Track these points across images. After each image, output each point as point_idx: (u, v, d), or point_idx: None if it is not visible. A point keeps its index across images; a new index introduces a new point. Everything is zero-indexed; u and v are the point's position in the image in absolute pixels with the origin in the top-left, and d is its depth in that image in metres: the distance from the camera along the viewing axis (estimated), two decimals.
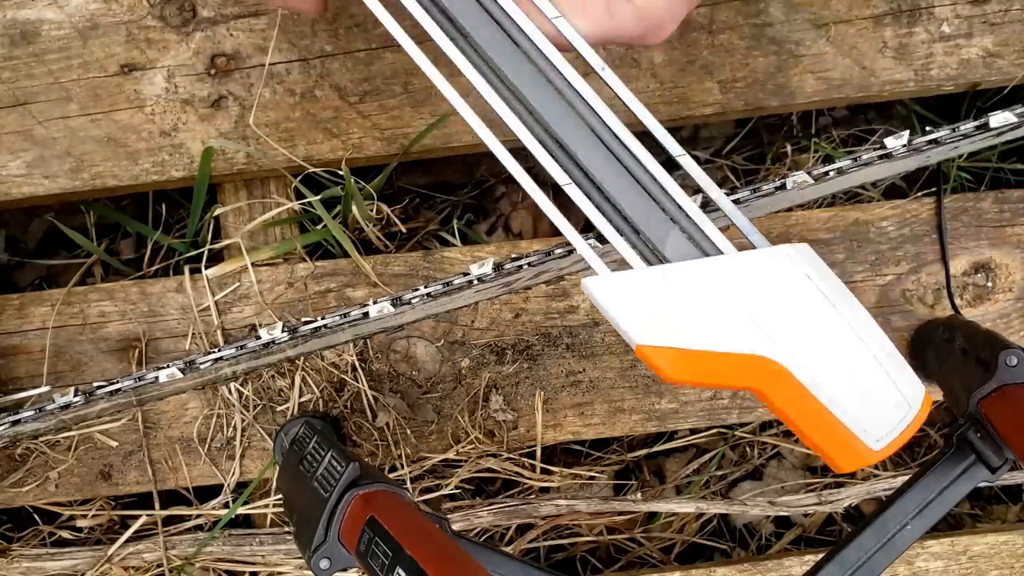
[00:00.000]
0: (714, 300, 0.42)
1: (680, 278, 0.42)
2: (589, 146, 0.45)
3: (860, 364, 0.42)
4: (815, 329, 0.42)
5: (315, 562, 0.50)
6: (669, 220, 0.44)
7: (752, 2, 0.67)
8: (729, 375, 0.42)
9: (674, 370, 0.42)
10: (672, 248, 0.44)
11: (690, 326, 0.42)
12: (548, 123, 0.45)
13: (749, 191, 0.47)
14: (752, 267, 0.42)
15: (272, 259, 0.68)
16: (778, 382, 0.42)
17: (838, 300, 0.42)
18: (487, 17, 0.46)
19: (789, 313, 0.42)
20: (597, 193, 0.45)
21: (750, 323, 0.42)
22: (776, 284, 0.42)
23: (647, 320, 0.42)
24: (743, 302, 0.42)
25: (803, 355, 0.42)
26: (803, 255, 0.43)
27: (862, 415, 0.42)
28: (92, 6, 0.65)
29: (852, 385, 0.42)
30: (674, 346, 0.42)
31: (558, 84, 0.45)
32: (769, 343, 0.42)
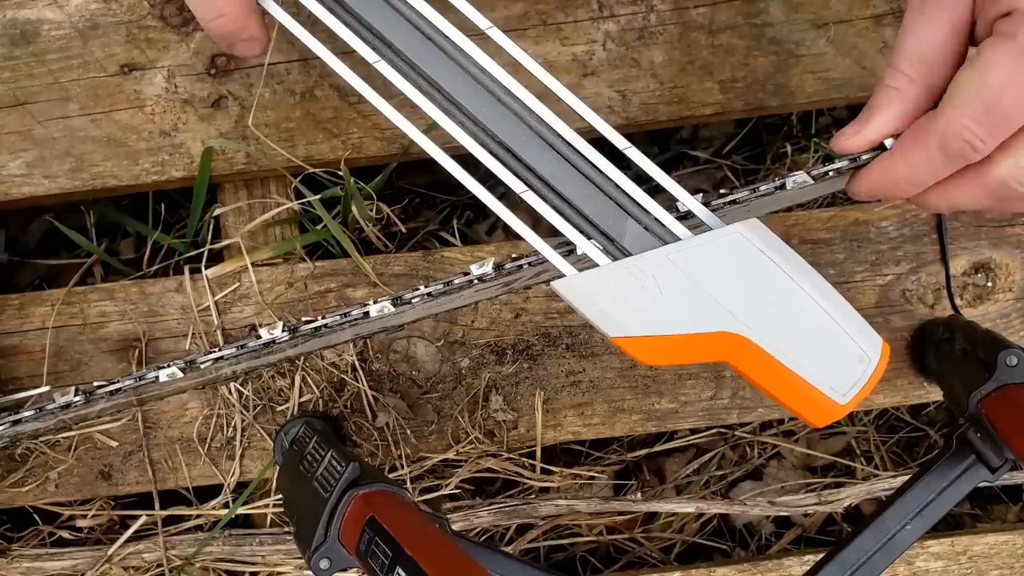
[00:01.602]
0: (676, 285, 0.45)
1: (642, 269, 0.45)
2: (538, 151, 0.47)
3: (818, 325, 0.45)
4: (772, 298, 0.45)
5: (315, 562, 0.50)
6: (624, 213, 0.46)
7: (752, 2, 0.67)
8: (700, 353, 0.45)
9: (649, 356, 0.45)
10: (631, 240, 0.46)
11: (657, 313, 0.45)
12: (495, 132, 0.47)
13: (748, 191, 0.47)
14: (707, 248, 0.45)
15: (272, 259, 0.68)
16: (745, 353, 0.45)
17: (791, 268, 0.45)
18: (410, 27, 0.47)
19: (746, 286, 0.45)
20: (554, 195, 0.47)
21: (712, 302, 0.45)
22: (731, 261, 0.45)
23: (617, 313, 0.45)
24: (703, 283, 0.45)
25: (764, 325, 0.45)
26: (754, 230, 0.45)
27: (826, 373, 0.45)
28: (92, 6, 0.65)
29: (813, 346, 0.45)
30: (645, 335, 0.45)
31: (494, 89, 0.47)
32: (731, 319, 0.45)
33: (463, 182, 0.47)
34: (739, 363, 0.45)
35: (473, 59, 0.47)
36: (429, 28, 0.47)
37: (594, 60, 0.67)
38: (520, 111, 0.47)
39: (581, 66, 0.67)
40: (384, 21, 0.47)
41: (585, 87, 0.67)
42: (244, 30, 0.46)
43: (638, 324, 0.45)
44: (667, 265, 0.45)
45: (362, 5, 0.47)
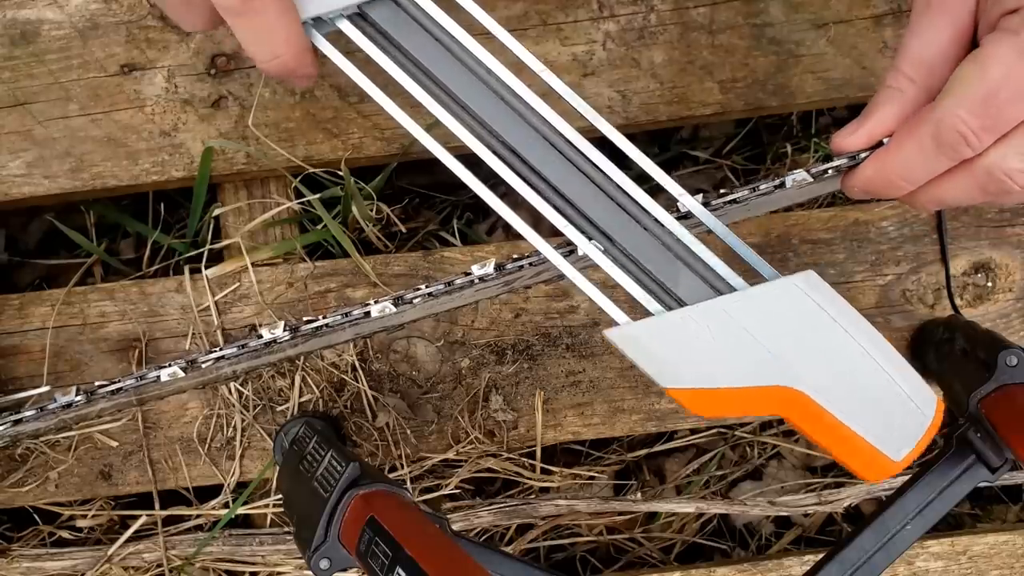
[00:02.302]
0: (731, 337, 0.44)
1: (696, 319, 0.44)
2: (595, 200, 0.46)
3: (874, 381, 0.44)
4: (829, 353, 0.44)
5: (315, 562, 0.50)
6: (678, 262, 0.45)
7: (752, 2, 0.67)
8: (753, 406, 0.44)
9: (702, 409, 0.44)
10: (685, 289, 0.45)
11: (711, 365, 0.44)
12: (556, 184, 0.46)
13: (748, 190, 0.47)
14: (763, 300, 0.44)
15: (272, 259, 0.68)
16: (799, 407, 0.44)
17: (847, 322, 0.44)
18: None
19: (803, 341, 0.44)
20: (609, 243, 0.46)
21: (767, 355, 0.44)
22: (787, 313, 0.44)
23: (671, 363, 0.44)
24: (759, 336, 0.44)
25: (820, 380, 0.44)
26: (810, 283, 0.44)
27: (881, 429, 0.44)
28: (92, 6, 0.65)
29: (868, 402, 0.44)
30: (699, 387, 0.44)
31: (556, 143, 0.46)
32: (787, 373, 0.44)
33: (505, 214, 0.46)
34: (794, 417, 0.44)
35: (534, 108, 0.46)
36: (499, 86, 0.47)
37: (594, 60, 0.67)
38: (576, 158, 0.46)
39: (581, 66, 0.67)
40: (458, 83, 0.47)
41: (585, 87, 0.67)
42: (299, 68, 0.46)
43: (692, 376, 0.44)
44: (722, 316, 0.44)
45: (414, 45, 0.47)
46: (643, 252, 0.46)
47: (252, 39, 0.44)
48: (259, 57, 0.45)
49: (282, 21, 0.44)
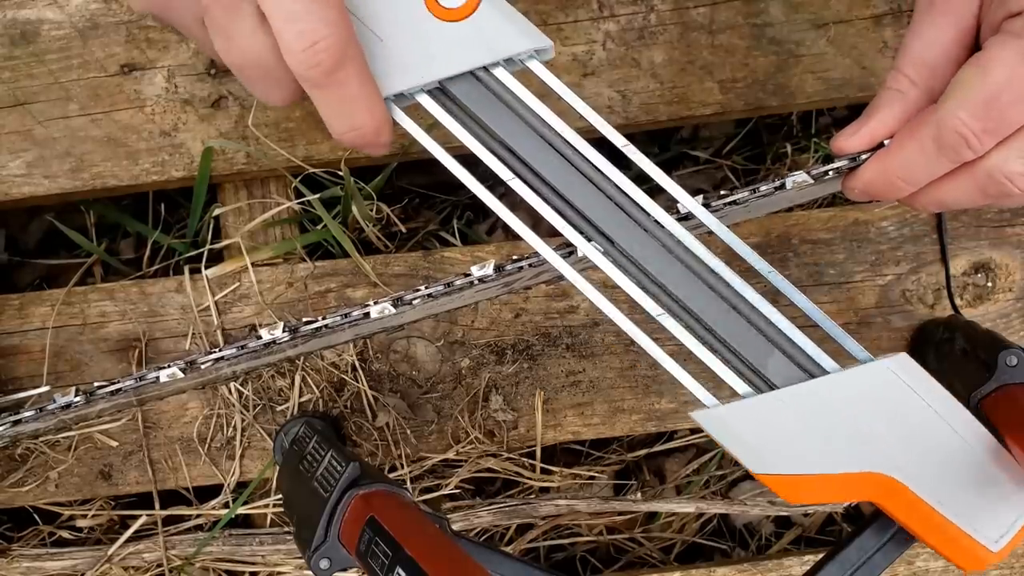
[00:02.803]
0: (825, 422, 0.43)
1: (787, 403, 0.43)
2: (686, 282, 0.45)
3: (971, 470, 0.43)
4: (923, 439, 0.43)
5: (315, 562, 0.50)
6: (768, 343, 0.45)
7: (752, 2, 0.67)
8: (845, 492, 0.44)
9: (794, 495, 0.43)
10: (775, 371, 0.44)
11: (802, 450, 0.43)
12: (644, 265, 0.45)
13: (748, 191, 0.47)
14: (857, 384, 0.43)
15: (272, 259, 0.68)
16: (894, 495, 0.43)
17: (943, 408, 0.43)
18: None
19: (897, 426, 0.43)
20: (696, 323, 0.45)
21: (860, 440, 0.43)
22: (880, 398, 0.43)
23: (762, 448, 0.43)
24: (853, 421, 0.43)
25: (915, 466, 0.43)
26: (903, 366, 0.43)
27: (977, 518, 0.43)
28: (92, 6, 0.65)
29: (966, 491, 0.43)
30: (791, 473, 0.43)
31: (650, 227, 0.46)
32: (882, 459, 0.43)
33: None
34: (887, 504, 0.44)
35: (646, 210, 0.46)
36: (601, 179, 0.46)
37: (594, 60, 0.67)
38: (669, 243, 0.45)
39: (581, 66, 0.67)
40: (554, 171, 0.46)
41: (585, 87, 0.67)
42: (377, 139, 0.45)
43: (783, 461, 0.43)
44: (814, 400, 0.43)
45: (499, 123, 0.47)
46: (731, 331, 0.45)
47: (333, 112, 0.44)
48: (338, 129, 0.44)
49: (364, 93, 0.44)
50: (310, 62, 0.41)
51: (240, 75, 0.45)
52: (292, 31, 0.41)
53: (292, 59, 0.42)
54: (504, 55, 0.45)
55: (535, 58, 0.46)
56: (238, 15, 0.42)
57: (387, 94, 0.45)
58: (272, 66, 0.43)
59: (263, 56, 0.43)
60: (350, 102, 0.44)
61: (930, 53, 0.45)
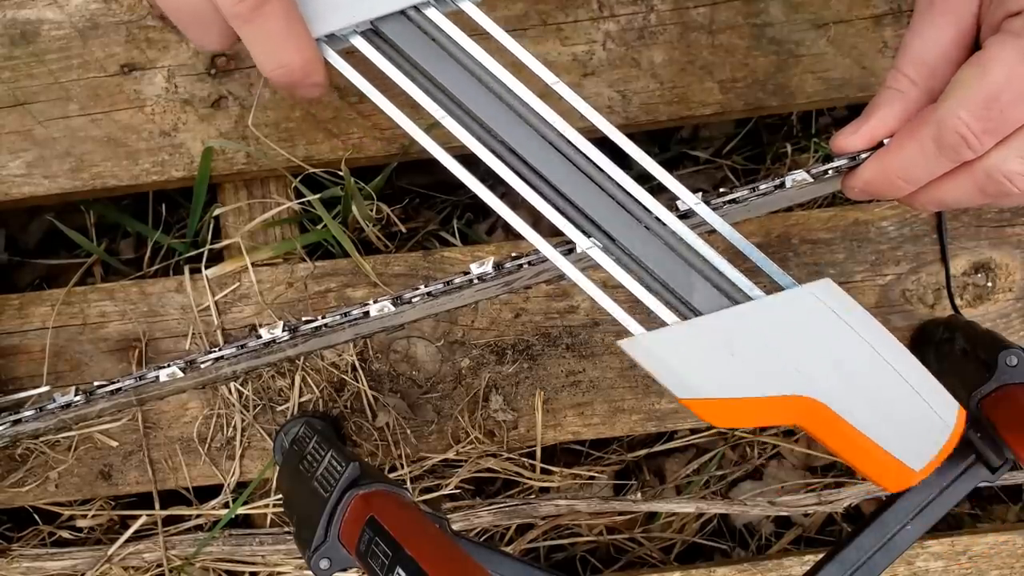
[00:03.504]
0: (747, 346, 0.43)
1: (712, 328, 0.43)
2: (608, 209, 0.46)
3: (893, 390, 0.44)
4: (846, 362, 0.43)
5: (315, 562, 0.50)
6: (693, 271, 0.45)
7: (752, 2, 0.67)
8: (771, 416, 0.44)
9: (719, 419, 0.44)
10: (701, 298, 0.45)
11: (728, 375, 0.43)
12: (571, 196, 0.46)
13: (748, 190, 0.47)
14: (779, 308, 0.43)
15: (272, 259, 0.68)
16: (818, 417, 0.43)
17: (865, 330, 0.44)
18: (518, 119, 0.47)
19: (820, 350, 0.43)
20: (623, 254, 0.45)
21: (785, 365, 0.43)
22: (804, 322, 0.43)
23: (687, 374, 0.43)
24: (776, 345, 0.43)
25: (837, 389, 0.43)
26: (827, 291, 0.44)
27: (900, 439, 0.44)
28: (92, 6, 0.65)
29: (888, 411, 0.44)
30: (716, 397, 0.43)
31: (571, 156, 0.46)
32: (805, 382, 0.43)
33: (524, 232, 0.46)
34: (812, 427, 0.44)
35: (538, 113, 0.46)
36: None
37: (594, 60, 0.67)
38: (586, 166, 0.46)
39: (581, 66, 0.67)
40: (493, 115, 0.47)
41: (585, 87, 0.67)
42: (306, 78, 0.46)
43: (708, 386, 0.43)
44: (738, 326, 0.43)
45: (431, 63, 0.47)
46: (657, 261, 0.45)
47: (261, 49, 0.44)
48: (266, 66, 0.45)
49: (290, 30, 0.44)
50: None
51: (174, 19, 0.45)
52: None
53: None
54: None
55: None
56: None
57: (318, 35, 0.45)
58: (203, 8, 0.43)
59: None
60: (276, 38, 0.44)
61: (930, 53, 0.45)
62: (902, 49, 0.46)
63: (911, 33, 0.46)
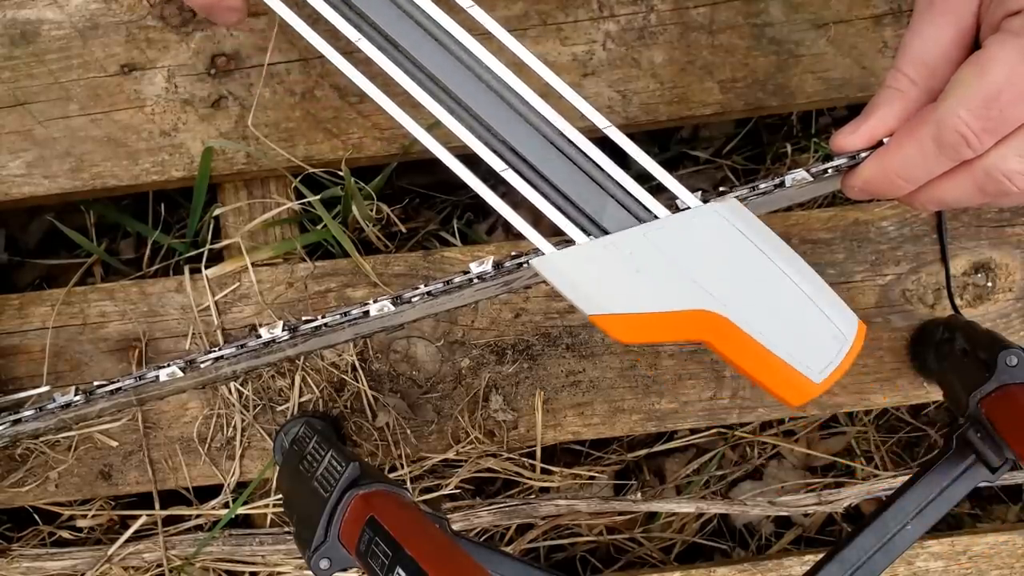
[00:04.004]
0: (652, 263, 0.45)
1: (619, 247, 0.45)
2: (520, 131, 0.47)
3: (794, 304, 0.45)
4: (749, 276, 0.45)
5: (315, 562, 0.50)
6: (603, 192, 0.46)
7: (752, 2, 0.67)
8: (677, 331, 0.45)
9: (625, 334, 0.45)
10: (610, 219, 0.46)
11: (633, 291, 0.45)
12: (479, 113, 0.47)
13: (748, 189, 0.47)
14: (684, 227, 0.45)
15: (272, 259, 0.68)
16: (721, 331, 0.45)
17: (768, 247, 0.45)
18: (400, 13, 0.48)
19: (723, 265, 0.45)
20: (533, 174, 0.46)
21: (688, 280, 0.44)
22: (709, 240, 0.45)
23: (595, 291, 0.45)
24: (680, 261, 0.44)
25: (740, 304, 0.44)
26: (731, 209, 0.45)
27: (801, 351, 0.45)
28: (92, 6, 0.65)
29: (789, 325, 0.45)
30: (622, 312, 0.45)
31: (483, 75, 0.47)
32: (708, 296, 0.44)
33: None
34: (716, 341, 0.45)
35: (461, 42, 0.47)
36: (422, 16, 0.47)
37: (594, 60, 0.67)
38: (503, 92, 0.47)
39: (581, 66, 0.67)
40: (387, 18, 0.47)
41: (585, 87, 0.67)
42: (221, 1, 0.45)
43: (614, 302, 0.45)
44: (644, 243, 0.45)
45: None
46: (570, 183, 0.46)
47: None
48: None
49: None
50: None
51: None
52: None
53: None
54: None
55: None
56: None
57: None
58: None
59: None
60: None
61: (929, 52, 0.45)
62: (902, 48, 0.46)
63: (911, 32, 0.46)
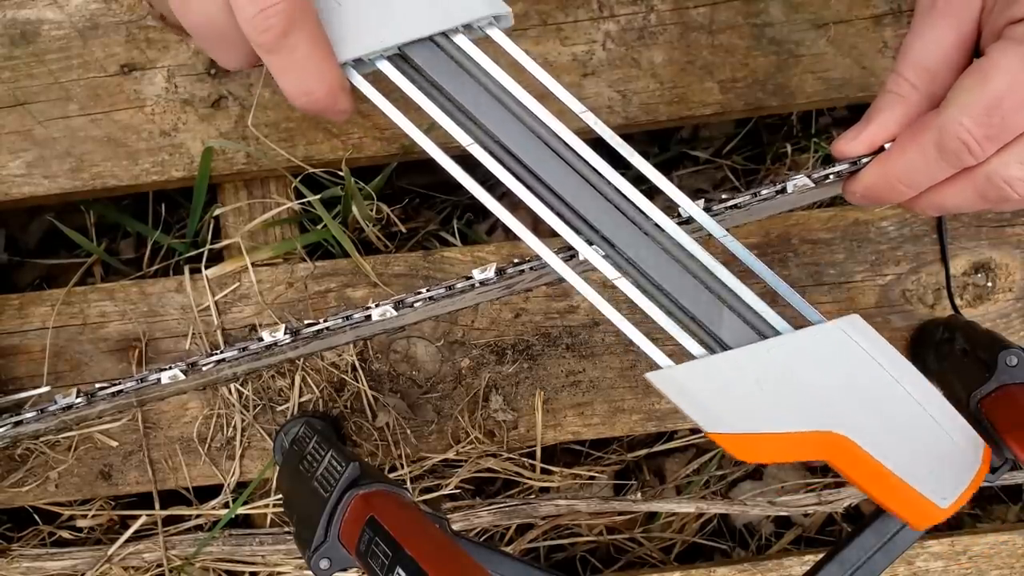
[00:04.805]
0: (775, 381, 0.42)
1: (740, 363, 0.43)
2: (635, 238, 0.45)
3: (920, 427, 0.43)
4: (873, 397, 0.43)
5: (315, 562, 0.50)
6: (721, 303, 0.44)
7: (752, 2, 0.67)
8: (798, 451, 0.43)
9: (746, 453, 0.43)
10: (728, 332, 0.44)
11: (755, 410, 0.43)
12: (593, 222, 0.45)
13: (749, 195, 0.47)
14: (809, 345, 0.43)
15: (272, 259, 0.68)
16: (845, 453, 0.43)
17: (894, 368, 0.43)
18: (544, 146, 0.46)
19: (847, 384, 0.43)
20: (648, 283, 0.45)
21: (812, 400, 0.42)
22: (832, 357, 0.43)
23: (714, 407, 0.43)
24: (803, 380, 0.43)
25: (865, 425, 0.43)
26: (856, 327, 0.43)
27: (927, 476, 0.43)
28: (92, 6, 0.65)
29: (915, 449, 0.43)
30: (743, 432, 0.43)
31: (592, 180, 0.46)
32: (833, 418, 0.43)
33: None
34: (839, 463, 0.43)
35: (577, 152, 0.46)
36: None
37: (594, 60, 0.67)
38: (620, 202, 0.45)
39: (581, 66, 0.67)
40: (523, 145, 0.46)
41: (585, 87, 0.67)
42: (332, 105, 0.45)
43: (736, 420, 0.43)
44: (766, 360, 0.43)
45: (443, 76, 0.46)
46: (687, 294, 0.44)
47: (286, 77, 0.43)
48: (291, 93, 0.44)
49: (315, 58, 0.43)
50: (261, 26, 0.41)
51: (195, 37, 0.45)
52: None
53: (245, 25, 0.41)
54: (462, 20, 0.45)
55: (495, 25, 0.46)
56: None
57: (344, 59, 0.44)
58: (226, 29, 0.43)
59: (216, 18, 0.42)
60: (302, 67, 0.43)
61: (930, 57, 0.45)
62: (903, 51, 0.46)
63: (912, 35, 0.46)
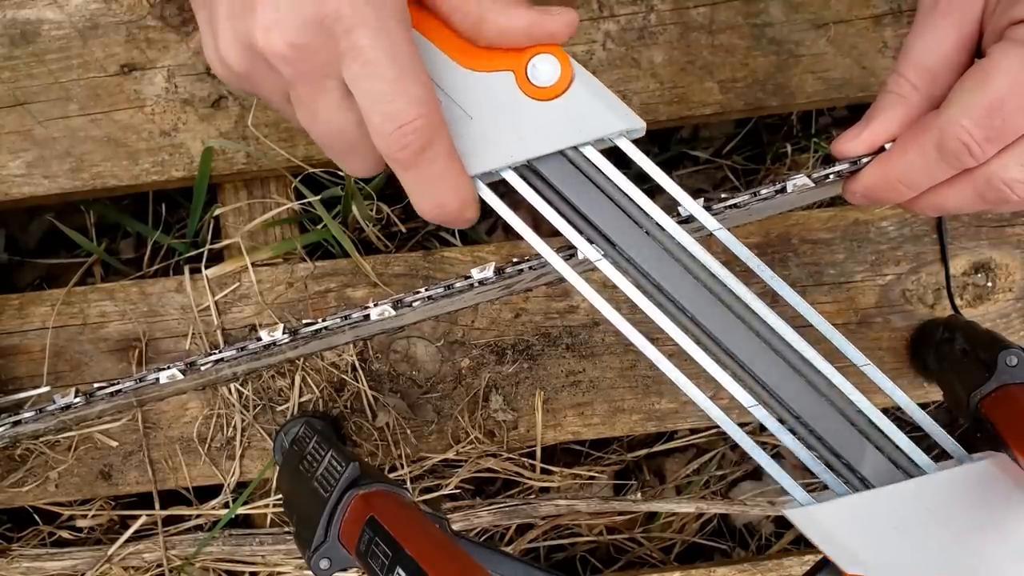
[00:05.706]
0: (919, 522, 0.41)
1: (883, 503, 0.42)
2: (775, 368, 0.44)
3: None
4: (1019, 539, 0.42)
5: (315, 562, 0.50)
6: (864, 439, 0.43)
7: (752, 2, 0.67)
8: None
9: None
10: (871, 469, 0.43)
11: (897, 553, 0.42)
12: (734, 351, 0.45)
13: (749, 195, 0.47)
14: (956, 485, 0.42)
15: (272, 259, 0.68)
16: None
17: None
18: None
19: (997, 528, 0.42)
20: (790, 416, 0.44)
21: (957, 544, 0.41)
22: (981, 500, 0.42)
23: (854, 547, 0.42)
24: (949, 522, 0.41)
25: (1016, 572, 0.42)
26: (1001, 465, 0.43)
27: None
28: (92, 6, 0.65)
29: None
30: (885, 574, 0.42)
31: (746, 318, 0.45)
32: (979, 562, 0.41)
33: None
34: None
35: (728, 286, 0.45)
36: None
37: (594, 60, 0.67)
38: (761, 329, 0.44)
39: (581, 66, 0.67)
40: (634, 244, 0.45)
41: None
42: (461, 217, 0.45)
43: (875, 560, 0.41)
44: (911, 500, 0.41)
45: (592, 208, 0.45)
46: (826, 426, 0.44)
47: (419, 190, 0.43)
48: (423, 207, 0.44)
49: (449, 173, 0.43)
50: (398, 144, 0.41)
51: (322, 146, 0.44)
52: (379, 113, 0.40)
53: (379, 140, 0.41)
54: (596, 136, 0.44)
55: (624, 136, 0.45)
56: (323, 91, 0.41)
57: (474, 172, 0.44)
58: (356, 141, 0.43)
59: (347, 131, 0.42)
60: (435, 181, 0.43)
61: (931, 56, 0.45)
62: (904, 51, 0.46)
63: (913, 35, 0.46)
